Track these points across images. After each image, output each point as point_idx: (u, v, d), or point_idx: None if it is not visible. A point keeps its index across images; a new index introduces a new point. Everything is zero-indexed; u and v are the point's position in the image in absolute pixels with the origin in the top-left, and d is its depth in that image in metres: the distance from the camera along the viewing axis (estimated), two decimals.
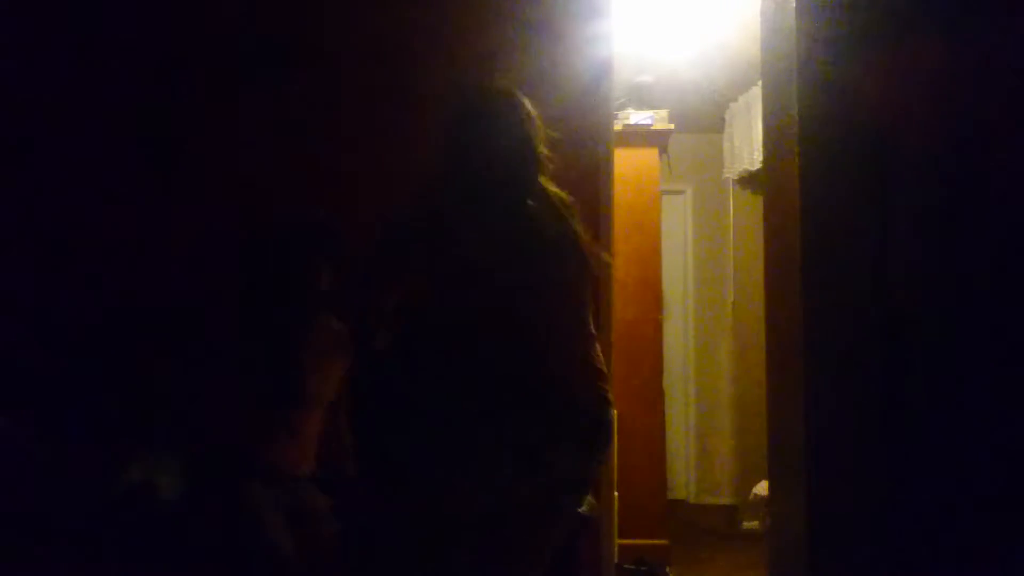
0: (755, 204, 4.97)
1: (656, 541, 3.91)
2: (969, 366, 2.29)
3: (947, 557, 2.26)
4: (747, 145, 4.91)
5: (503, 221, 1.69)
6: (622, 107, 4.05)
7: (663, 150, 4.26)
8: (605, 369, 1.80)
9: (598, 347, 1.80)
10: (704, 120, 5.35)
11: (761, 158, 3.52)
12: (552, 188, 1.81)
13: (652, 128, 4.09)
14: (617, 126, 3.62)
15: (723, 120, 5.31)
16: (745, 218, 5.22)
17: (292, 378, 2.14)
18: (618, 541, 3.10)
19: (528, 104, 1.83)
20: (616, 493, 2.98)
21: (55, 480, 1.96)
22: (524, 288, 1.65)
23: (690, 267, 5.90)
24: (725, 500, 5.56)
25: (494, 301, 1.64)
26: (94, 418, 2.24)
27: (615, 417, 1.82)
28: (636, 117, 4.07)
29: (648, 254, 4.09)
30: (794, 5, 2.50)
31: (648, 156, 4.14)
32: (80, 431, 2.15)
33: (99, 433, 2.15)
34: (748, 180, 5.12)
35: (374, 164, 2.70)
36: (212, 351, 2.35)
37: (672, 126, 4.14)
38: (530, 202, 1.74)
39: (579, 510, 1.78)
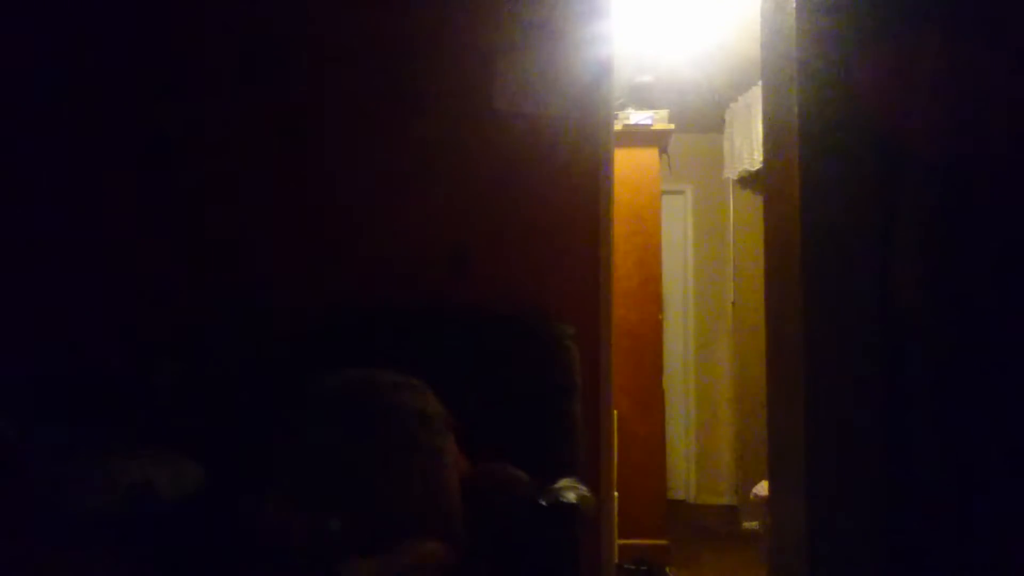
0: (755, 204, 4.98)
1: (656, 541, 3.92)
2: (971, 366, 2.29)
3: (947, 556, 2.26)
4: (747, 145, 4.91)
5: None
6: (622, 107, 4.06)
7: (663, 150, 4.27)
8: None
9: None
10: (704, 120, 5.36)
11: (761, 158, 3.52)
12: None
13: (652, 128, 4.10)
14: (617, 126, 3.63)
15: (723, 120, 5.32)
16: (745, 218, 5.23)
17: None
18: (618, 541, 3.11)
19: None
20: (616, 493, 2.98)
21: (54, 480, 1.96)
22: None
23: (690, 267, 5.91)
24: (725, 500, 5.57)
25: None
26: (94, 418, 2.24)
27: None
28: (636, 117, 4.08)
29: (648, 254, 4.10)
30: (794, 5, 2.50)
31: (648, 156, 4.15)
32: (80, 431, 2.14)
33: (99, 433, 2.15)
34: (748, 180, 5.13)
35: (374, 165, 2.70)
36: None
37: (672, 126, 4.15)
38: None
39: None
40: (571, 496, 1.92)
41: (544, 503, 1.89)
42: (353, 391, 1.98)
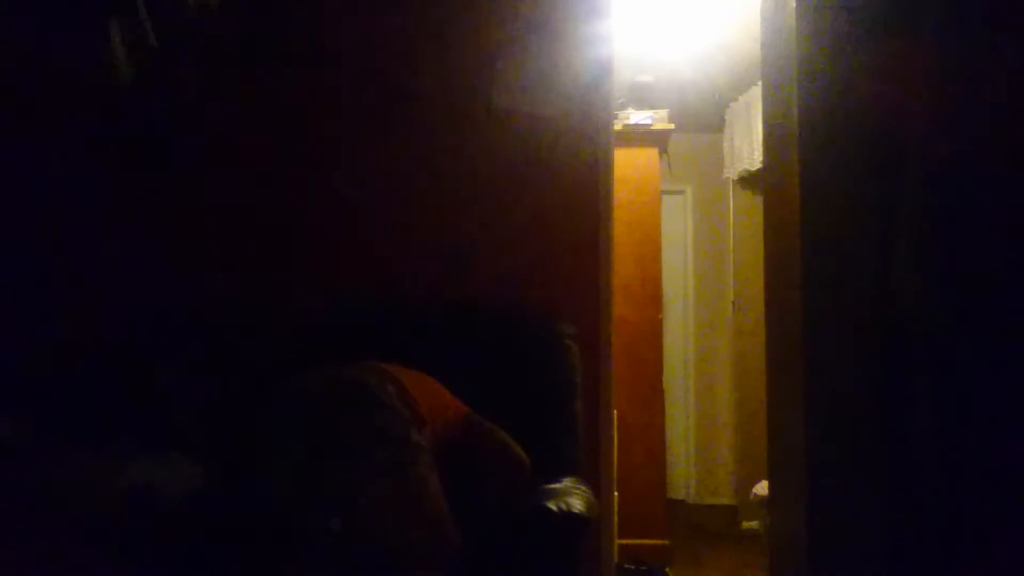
0: (755, 204, 4.97)
1: (656, 541, 3.92)
2: (971, 366, 2.29)
3: (947, 555, 2.26)
4: (747, 145, 4.91)
5: None
6: (622, 107, 4.06)
7: (663, 150, 4.27)
8: None
9: None
10: (704, 120, 5.36)
11: (761, 158, 3.52)
12: None
13: (652, 128, 4.10)
14: (617, 126, 3.63)
15: (723, 120, 5.32)
16: (745, 218, 5.23)
17: None
18: (618, 541, 3.11)
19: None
20: (616, 493, 2.98)
21: (54, 481, 1.96)
22: None
23: (690, 267, 5.91)
24: (725, 500, 5.57)
25: None
26: (94, 418, 2.24)
27: None
28: (636, 117, 4.08)
29: (648, 254, 4.10)
30: (794, 5, 2.50)
31: (648, 156, 4.15)
32: (79, 431, 2.15)
33: (99, 433, 2.15)
34: (748, 180, 5.13)
35: (373, 164, 2.70)
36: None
37: (672, 126, 4.15)
38: None
39: None
40: (579, 506, 1.91)
41: (554, 508, 1.88)
42: (299, 421, 1.82)
